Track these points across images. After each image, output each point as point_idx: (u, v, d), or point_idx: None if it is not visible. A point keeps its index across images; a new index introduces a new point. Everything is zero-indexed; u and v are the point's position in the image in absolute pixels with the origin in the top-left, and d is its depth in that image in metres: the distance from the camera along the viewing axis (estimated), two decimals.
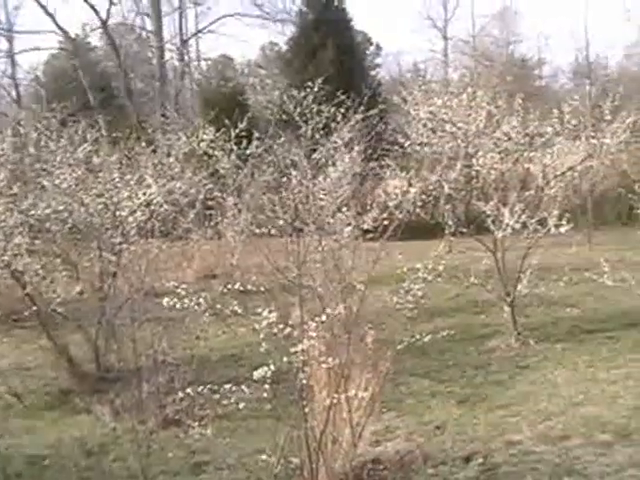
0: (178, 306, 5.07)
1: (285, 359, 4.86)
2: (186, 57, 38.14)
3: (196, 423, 5.69)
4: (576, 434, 6.41)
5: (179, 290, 5.11)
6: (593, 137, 9.76)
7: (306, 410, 5.14)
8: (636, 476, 5.54)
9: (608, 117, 10.04)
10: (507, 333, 9.68)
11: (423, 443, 6.39)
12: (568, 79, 41.98)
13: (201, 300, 5.10)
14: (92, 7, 33.67)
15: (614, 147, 9.97)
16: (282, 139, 11.02)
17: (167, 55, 36.34)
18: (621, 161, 17.27)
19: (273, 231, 7.70)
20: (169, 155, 11.46)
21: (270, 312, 4.84)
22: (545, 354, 9.09)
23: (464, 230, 9.53)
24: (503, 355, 9.20)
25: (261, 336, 4.81)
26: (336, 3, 30.50)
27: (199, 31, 38.45)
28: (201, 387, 5.10)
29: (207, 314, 5.42)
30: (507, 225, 9.04)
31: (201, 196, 12.58)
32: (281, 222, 7.60)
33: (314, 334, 4.90)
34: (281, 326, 4.83)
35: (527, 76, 37.64)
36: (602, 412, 6.94)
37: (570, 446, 6.15)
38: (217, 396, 5.04)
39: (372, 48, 40.69)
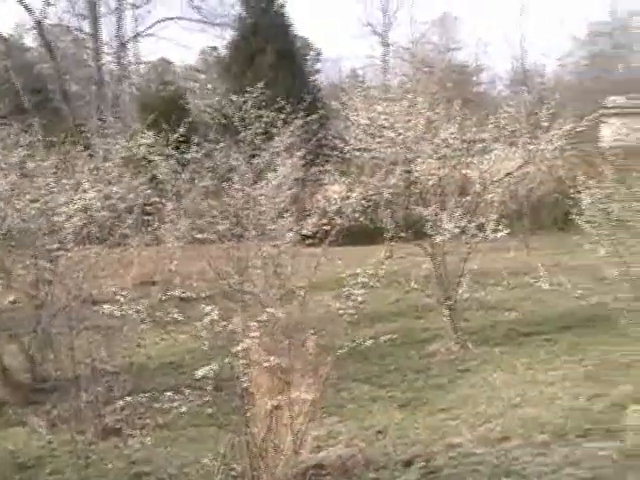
0: (117, 313, 4.99)
1: (227, 360, 4.82)
2: (124, 60, 37.67)
3: (136, 433, 5.60)
4: (515, 435, 6.50)
5: (117, 297, 5.02)
6: (529, 144, 9.93)
7: (247, 416, 5.11)
8: (573, 475, 5.64)
9: (544, 124, 10.23)
10: (447, 337, 9.77)
11: (365, 448, 6.39)
12: (505, 86, 42.80)
13: (139, 307, 5.02)
14: (26, 7, 33.08)
15: (550, 154, 10.16)
16: (222, 144, 10.94)
17: (105, 58, 35.86)
18: (557, 167, 17.65)
19: (213, 237, 7.63)
20: (106, 160, 11.27)
21: (212, 311, 4.79)
22: (484, 357, 9.19)
23: (403, 235, 9.58)
24: (443, 359, 9.28)
25: (203, 333, 4.76)
26: (276, 8, 30.49)
27: (138, 34, 38.06)
28: (141, 395, 5.02)
29: (146, 321, 5.33)
30: (446, 230, 9.13)
31: (139, 201, 12.39)
32: (221, 228, 7.54)
33: (255, 334, 4.86)
34: (223, 324, 4.79)
35: (466, 82, 38.22)
36: (540, 413, 7.05)
37: (509, 447, 6.24)
38: (157, 405, 4.97)
39: (312, 53, 40.81)
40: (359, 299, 5.48)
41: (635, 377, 7.73)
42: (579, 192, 7.56)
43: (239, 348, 4.76)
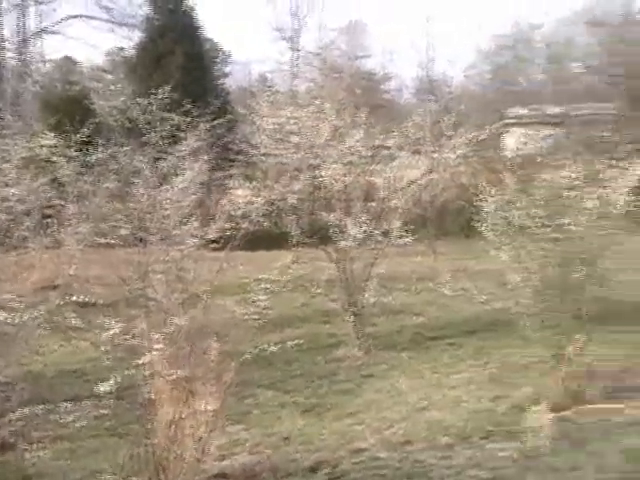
0: (13, 320, 4.78)
1: (128, 372, 4.68)
2: (27, 57, 36.46)
3: (33, 446, 5.38)
4: (419, 439, 6.57)
5: (13, 303, 4.82)
6: (433, 152, 10.08)
7: (149, 426, 4.97)
8: (476, 476, 5.74)
9: (448, 133, 10.41)
10: (353, 342, 9.80)
11: (270, 455, 6.35)
12: (412, 94, 43.45)
13: (36, 313, 4.83)
14: None
15: (453, 161, 10.33)
16: (127, 147, 10.69)
17: (6, 54, 34.63)
18: (460, 174, 17.99)
19: (115, 241, 7.42)
20: (5, 160, 10.85)
21: (113, 323, 4.65)
22: (390, 362, 9.27)
23: (308, 240, 9.57)
24: (349, 364, 9.29)
25: (102, 348, 4.62)
26: (185, 9, 30.10)
27: (41, 30, 36.86)
28: (39, 407, 4.83)
29: (43, 327, 5.13)
30: (350, 235, 9.15)
31: (39, 203, 11.99)
32: (123, 232, 7.34)
33: (158, 346, 4.75)
34: (125, 337, 4.65)
35: (374, 90, 38.60)
36: (444, 416, 7.16)
37: (413, 450, 6.33)
38: (55, 416, 4.78)
39: (221, 56, 40.43)
40: (263, 304, 5.43)
41: (535, 379, 7.94)
42: (481, 199, 7.70)
43: (141, 361, 4.63)
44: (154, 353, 4.70)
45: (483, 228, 7.57)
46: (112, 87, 19.63)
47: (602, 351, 8.44)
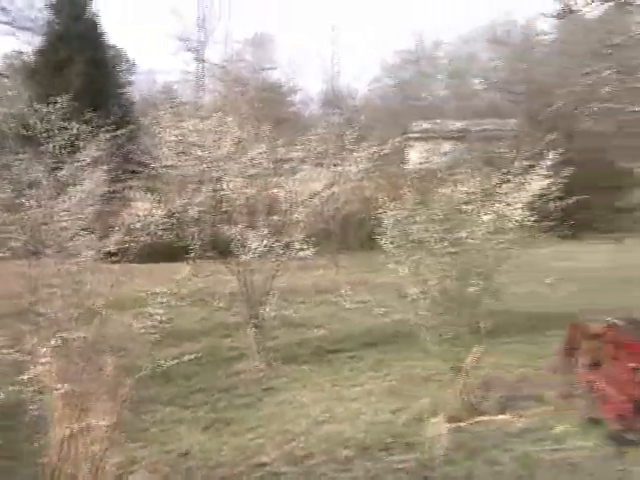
0: None
1: (15, 388, 4.51)
2: None
3: None
4: (319, 452, 6.57)
5: None
6: (335, 165, 10.15)
7: (40, 445, 4.80)
8: None
9: (351, 146, 10.50)
10: (254, 355, 9.74)
11: (169, 472, 6.22)
12: (317, 107, 43.78)
13: None
14: None
15: (355, 175, 10.43)
16: (23, 155, 10.35)
17: None
18: (364, 188, 18.18)
19: (6, 254, 7.17)
20: None
21: None
22: (292, 375, 9.24)
23: (210, 253, 9.48)
24: (250, 378, 9.21)
25: None
26: (88, 15, 29.48)
27: None
28: None
29: None
30: (252, 248, 9.10)
31: None
32: (15, 244, 7.10)
33: (46, 359, 4.59)
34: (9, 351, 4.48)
35: (279, 102, 38.71)
36: (345, 429, 7.17)
37: (314, 464, 6.31)
38: None
39: (125, 64, 39.75)
40: (160, 318, 5.33)
41: (434, 391, 8.06)
42: (381, 213, 7.79)
43: (26, 376, 4.47)
44: (39, 368, 4.54)
45: (383, 242, 7.66)
46: (9, 93, 19.02)
47: (498, 362, 8.69)
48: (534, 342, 9.70)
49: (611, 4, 9.60)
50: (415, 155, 25.96)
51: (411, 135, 30.14)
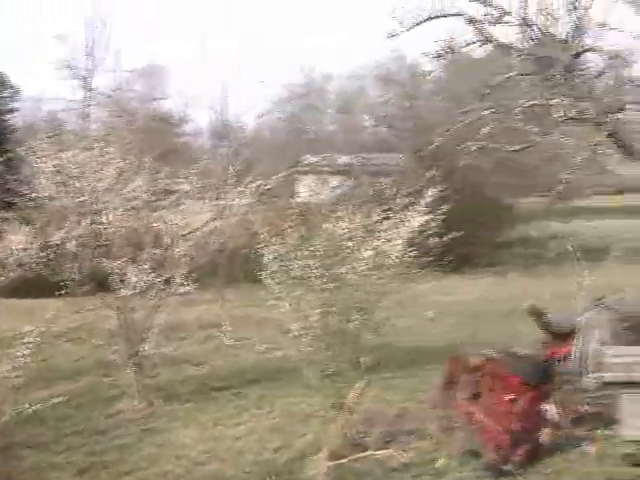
0: None
1: None
2: None
3: None
4: None
5: None
6: (218, 198, 10.06)
7: None
8: None
9: (234, 180, 10.44)
10: (134, 395, 9.43)
11: None
12: (207, 138, 43.46)
13: None
14: None
15: (239, 208, 10.36)
16: None
17: None
18: (251, 222, 18.05)
19: None
20: None
21: None
22: (173, 414, 8.99)
23: (88, 288, 9.18)
24: (129, 418, 8.91)
25: None
26: None
27: None
28: None
29: None
30: (133, 284, 8.87)
31: None
32: None
33: None
34: None
35: (169, 133, 38.24)
36: (226, 469, 7.07)
37: None
38: None
39: (8, 91, 38.33)
40: (25, 360, 5.08)
41: (316, 427, 8.01)
42: (262, 248, 7.74)
43: None
44: None
45: (264, 277, 7.60)
46: None
47: (380, 397, 8.72)
48: (415, 376, 9.76)
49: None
50: (304, 189, 26.05)
51: (300, 169, 30.28)
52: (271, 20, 64.18)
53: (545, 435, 6.90)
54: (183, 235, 9.68)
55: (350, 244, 7.43)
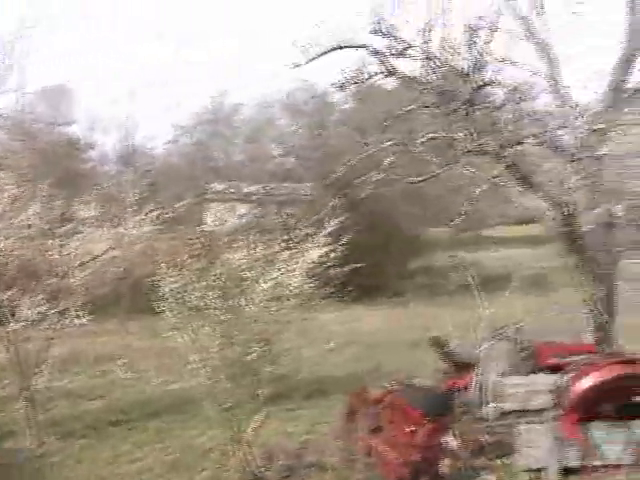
0: None
1: None
2: None
3: None
4: None
5: None
6: (116, 226, 9.81)
7: None
8: None
9: (134, 207, 10.21)
10: (24, 432, 9.00)
11: None
12: (113, 164, 42.63)
13: None
14: None
15: (139, 236, 10.12)
16: None
17: None
18: (155, 249, 17.68)
19: None
20: None
21: None
22: (65, 452, 8.63)
23: None
24: (20, 456, 8.51)
25: None
26: None
27: None
28: None
29: None
30: (24, 316, 8.50)
31: None
32: None
33: None
34: None
35: (73, 158, 37.30)
36: None
37: None
38: None
39: None
40: None
41: (216, 462, 7.84)
42: (159, 279, 7.54)
43: None
44: None
45: (162, 308, 7.41)
46: None
47: (282, 429, 8.61)
48: (317, 407, 9.70)
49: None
50: (211, 217, 25.83)
51: (207, 197, 30.05)
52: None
53: (444, 466, 6.90)
54: (79, 264, 9.38)
55: (249, 274, 7.31)
